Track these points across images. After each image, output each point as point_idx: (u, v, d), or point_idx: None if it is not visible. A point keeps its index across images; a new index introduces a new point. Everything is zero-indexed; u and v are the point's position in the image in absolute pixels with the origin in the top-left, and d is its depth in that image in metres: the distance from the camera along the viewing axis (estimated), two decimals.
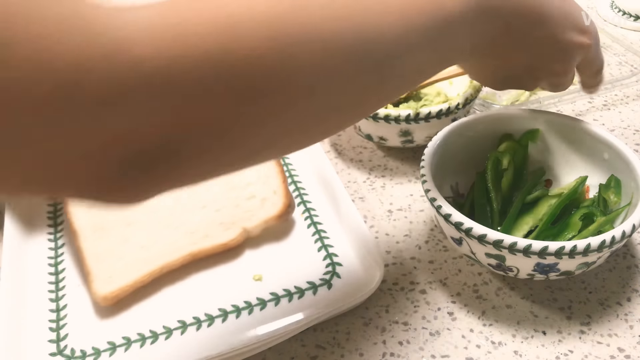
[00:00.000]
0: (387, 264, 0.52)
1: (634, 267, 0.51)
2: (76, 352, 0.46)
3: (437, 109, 0.57)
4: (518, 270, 0.45)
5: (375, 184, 0.61)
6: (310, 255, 0.52)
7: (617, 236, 0.42)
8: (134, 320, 0.48)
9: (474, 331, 0.47)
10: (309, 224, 0.55)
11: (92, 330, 0.47)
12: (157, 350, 0.46)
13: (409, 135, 0.59)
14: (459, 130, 0.53)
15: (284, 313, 0.48)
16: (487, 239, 0.43)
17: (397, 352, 0.45)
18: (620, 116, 0.68)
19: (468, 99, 0.59)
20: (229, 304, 0.49)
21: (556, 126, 0.54)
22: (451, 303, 0.49)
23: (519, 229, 0.50)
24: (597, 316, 0.47)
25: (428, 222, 0.56)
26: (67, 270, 0.52)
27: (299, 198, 0.58)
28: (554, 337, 0.46)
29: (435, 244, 0.54)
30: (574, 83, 0.50)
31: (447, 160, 0.53)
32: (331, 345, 0.46)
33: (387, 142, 0.61)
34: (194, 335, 0.47)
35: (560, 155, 0.55)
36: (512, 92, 0.71)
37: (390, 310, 0.48)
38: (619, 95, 0.72)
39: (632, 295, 0.49)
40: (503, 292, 0.49)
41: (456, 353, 0.45)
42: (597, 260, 0.45)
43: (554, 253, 0.42)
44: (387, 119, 0.57)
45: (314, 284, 0.50)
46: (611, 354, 0.45)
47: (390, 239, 0.54)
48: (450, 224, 0.45)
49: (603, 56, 0.49)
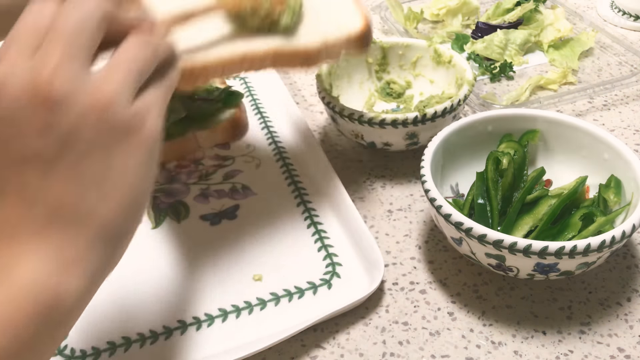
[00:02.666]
0: (387, 264, 0.52)
1: (634, 267, 0.51)
2: (76, 352, 0.46)
3: (442, 107, 0.57)
4: (518, 270, 0.45)
5: (375, 184, 0.61)
6: (310, 255, 0.52)
7: (617, 236, 0.42)
8: (133, 320, 0.48)
9: (474, 331, 0.47)
10: (309, 224, 0.55)
11: (92, 330, 0.47)
12: (157, 350, 0.46)
13: (415, 137, 0.59)
14: (459, 130, 0.53)
15: (284, 313, 0.48)
16: (487, 239, 0.43)
17: (397, 352, 0.45)
18: (620, 116, 0.68)
19: (467, 95, 0.59)
20: (229, 304, 0.49)
21: (556, 126, 0.54)
22: (451, 303, 0.49)
23: (519, 229, 0.50)
24: (597, 316, 0.47)
25: (428, 222, 0.56)
26: None
27: (299, 198, 0.58)
28: (554, 337, 0.46)
29: (435, 244, 0.54)
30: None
31: (447, 160, 0.53)
32: (331, 345, 0.46)
33: (392, 147, 0.60)
34: (194, 335, 0.47)
35: (560, 155, 0.55)
36: (512, 92, 0.71)
37: (390, 310, 0.48)
38: (619, 95, 0.72)
39: (632, 295, 0.49)
40: (503, 292, 0.49)
41: (456, 353, 0.45)
42: (597, 260, 0.45)
43: (554, 253, 0.42)
44: (394, 124, 0.57)
45: (314, 284, 0.50)
46: (611, 354, 0.45)
47: (390, 239, 0.54)
48: (450, 224, 0.45)
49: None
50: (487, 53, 0.77)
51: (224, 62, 0.44)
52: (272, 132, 0.67)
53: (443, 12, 0.85)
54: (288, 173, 0.61)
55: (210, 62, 0.43)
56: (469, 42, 0.79)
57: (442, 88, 0.65)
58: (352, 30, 0.49)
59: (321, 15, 0.50)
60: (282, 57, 0.47)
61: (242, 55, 0.45)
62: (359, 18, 0.50)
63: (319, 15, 0.50)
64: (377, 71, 0.68)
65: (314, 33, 0.48)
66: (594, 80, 0.73)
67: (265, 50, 0.46)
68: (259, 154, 0.64)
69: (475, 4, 0.85)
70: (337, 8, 0.51)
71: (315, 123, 0.70)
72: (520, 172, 0.53)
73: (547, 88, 0.72)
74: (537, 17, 0.81)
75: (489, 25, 0.80)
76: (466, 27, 0.84)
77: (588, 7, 0.90)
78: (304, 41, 0.47)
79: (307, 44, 0.47)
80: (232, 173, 0.62)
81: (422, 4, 0.86)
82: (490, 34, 0.78)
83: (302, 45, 0.47)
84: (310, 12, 0.50)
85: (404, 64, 0.68)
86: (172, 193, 0.60)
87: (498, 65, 0.75)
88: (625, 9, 0.85)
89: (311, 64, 0.48)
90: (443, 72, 0.66)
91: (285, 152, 0.64)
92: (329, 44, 0.48)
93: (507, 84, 0.74)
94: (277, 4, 0.46)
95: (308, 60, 0.48)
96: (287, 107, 0.68)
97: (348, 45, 0.49)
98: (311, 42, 0.47)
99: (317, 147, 0.61)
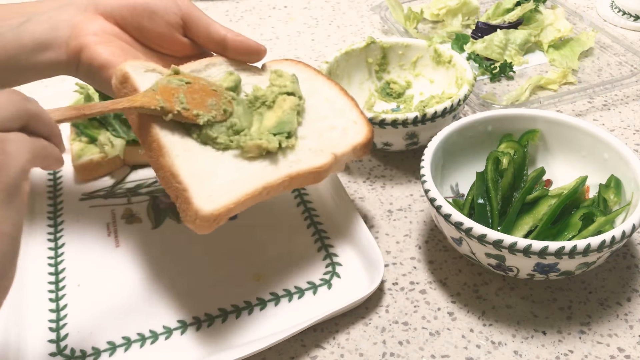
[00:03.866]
0: (387, 264, 0.52)
1: (634, 267, 0.51)
2: (76, 352, 0.46)
3: (442, 107, 0.57)
4: (518, 270, 0.45)
5: (375, 184, 0.61)
6: (310, 255, 0.52)
7: (617, 236, 0.42)
8: (133, 321, 0.48)
9: (474, 331, 0.47)
10: (309, 224, 0.55)
11: (92, 330, 0.47)
12: (157, 350, 0.46)
13: (415, 137, 0.59)
14: (459, 130, 0.53)
15: (284, 313, 0.48)
16: (487, 239, 0.43)
17: (397, 352, 0.45)
18: (620, 116, 0.68)
19: (467, 95, 0.59)
20: (229, 304, 0.49)
21: (556, 126, 0.54)
22: (451, 303, 0.49)
23: (519, 229, 0.50)
24: (597, 316, 0.47)
25: (428, 222, 0.56)
26: (67, 270, 0.52)
27: (299, 198, 0.58)
28: (554, 337, 0.46)
29: (435, 244, 0.54)
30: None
31: (447, 160, 0.53)
32: (331, 345, 0.46)
33: (392, 147, 0.61)
34: (194, 335, 0.47)
35: (560, 155, 0.55)
36: (512, 92, 0.71)
37: (390, 310, 0.48)
38: (619, 95, 0.72)
39: (632, 295, 0.49)
40: (503, 292, 0.49)
41: (456, 353, 0.45)
42: (597, 260, 0.45)
43: (554, 253, 0.42)
44: (394, 124, 0.57)
45: (314, 284, 0.50)
46: (611, 354, 0.45)
47: (390, 239, 0.54)
48: (450, 224, 0.45)
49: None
50: (487, 53, 0.77)
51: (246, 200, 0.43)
52: None
53: (443, 12, 0.85)
54: None
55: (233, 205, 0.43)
56: (469, 42, 0.79)
57: (442, 88, 0.65)
58: (359, 140, 0.50)
59: (323, 124, 0.51)
60: (296, 179, 0.47)
61: (261, 189, 0.44)
62: (363, 126, 0.51)
63: (321, 126, 0.50)
64: (377, 71, 0.68)
65: (322, 147, 0.48)
66: (594, 80, 0.73)
67: (282, 177, 0.46)
68: None
69: (475, 4, 0.85)
70: (335, 113, 0.52)
71: None
72: (520, 172, 0.53)
73: (547, 88, 0.72)
74: (537, 17, 0.81)
75: (489, 25, 0.80)
76: (466, 27, 0.84)
77: (588, 7, 0.90)
78: (315, 159, 0.48)
79: (318, 163, 0.47)
80: None
81: (422, 4, 0.86)
82: (490, 34, 0.78)
83: (315, 165, 0.47)
84: (312, 122, 0.50)
85: (404, 64, 0.68)
86: None
87: (498, 65, 0.75)
88: (625, 9, 0.85)
89: (321, 179, 0.48)
90: (443, 72, 0.66)
91: None
92: (338, 157, 0.49)
93: (507, 84, 0.74)
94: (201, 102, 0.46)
95: (319, 177, 0.48)
96: None
97: (354, 154, 0.50)
98: (322, 159, 0.48)
99: None
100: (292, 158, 0.47)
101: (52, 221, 0.57)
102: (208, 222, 0.41)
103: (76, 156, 0.61)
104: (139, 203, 0.59)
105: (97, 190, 0.60)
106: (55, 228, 0.56)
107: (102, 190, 0.60)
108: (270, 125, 0.48)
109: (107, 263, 0.53)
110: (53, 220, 0.57)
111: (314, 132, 0.50)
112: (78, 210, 0.58)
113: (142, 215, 0.57)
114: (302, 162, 0.47)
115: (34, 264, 0.53)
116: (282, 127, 0.48)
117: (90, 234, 0.55)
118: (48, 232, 0.56)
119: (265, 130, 0.48)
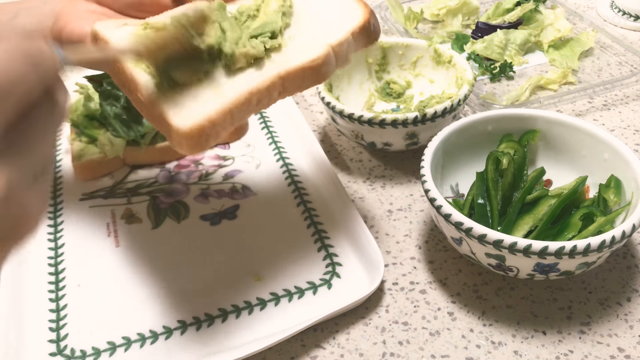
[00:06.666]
0: (387, 264, 0.52)
1: (634, 267, 0.51)
2: (76, 352, 0.46)
3: (442, 107, 0.57)
4: (518, 270, 0.45)
5: (375, 184, 0.61)
6: (310, 255, 0.52)
7: (617, 236, 0.42)
8: (133, 321, 0.48)
9: (474, 331, 0.47)
10: (309, 224, 0.55)
11: (92, 330, 0.47)
12: (157, 350, 0.46)
13: (415, 137, 0.59)
14: (459, 130, 0.53)
15: (284, 313, 0.48)
16: (487, 239, 0.43)
17: (397, 352, 0.45)
18: (620, 116, 0.68)
19: (467, 95, 0.59)
20: (229, 304, 0.49)
21: (556, 126, 0.54)
22: (451, 303, 0.49)
23: (519, 229, 0.50)
24: (597, 316, 0.47)
25: (428, 222, 0.56)
26: (67, 270, 0.52)
27: (299, 198, 0.58)
28: (554, 337, 0.46)
29: (435, 244, 0.54)
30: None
31: (447, 160, 0.53)
32: (331, 345, 0.46)
33: (392, 147, 0.60)
34: (194, 335, 0.47)
35: (560, 155, 0.55)
36: (512, 92, 0.71)
37: (390, 310, 0.48)
38: (619, 95, 0.72)
39: (632, 295, 0.49)
40: (503, 292, 0.49)
41: (456, 353, 0.45)
42: (597, 260, 0.45)
43: (554, 253, 0.42)
44: (394, 124, 0.57)
45: (314, 284, 0.50)
46: (611, 354, 0.45)
47: (390, 239, 0.54)
48: (450, 224, 0.45)
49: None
50: (487, 53, 0.77)
51: (231, 109, 0.40)
52: (272, 132, 0.67)
53: (443, 12, 0.85)
54: (288, 173, 0.61)
55: (215, 115, 0.39)
56: (469, 42, 0.79)
57: (442, 88, 0.65)
58: (354, 24, 0.45)
59: (316, 19, 0.47)
60: (290, 79, 0.43)
61: (247, 94, 0.41)
62: (358, 9, 0.46)
63: (314, 21, 0.46)
64: (377, 71, 0.68)
65: (314, 41, 0.44)
66: (594, 80, 0.73)
67: (270, 79, 0.41)
68: (259, 154, 0.64)
69: (475, 4, 0.85)
70: (332, 7, 0.47)
71: (315, 123, 0.70)
72: (520, 172, 0.53)
73: (547, 88, 0.72)
74: (537, 17, 0.81)
75: (489, 25, 0.80)
76: (466, 27, 0.84)
77: (588, 7, 0.90)
78: (307, 53, 0.43)
79: (311, 56, 0.43)
80: (232, 173, 0.62)
81: (422, 4, 0.86)
82: (490, 34, 0.78)
83: (308, 59, 0.43)
84: (303, 20, 0.46)
85: (404, 64, 0.68)
86: (172, 193, 0.60)
87: (498, 65, 0.75)
88: (625, 9, 0.85)
89: (322, 76, 0.44)
90: (443, 72, 0.66)
91: (285, 152, 0.64)
92: (335, 47, 0.44)
93: (507, 84, 0.74)
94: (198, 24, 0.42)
95: (318, 73, 0.43)
96: (287, 107, 0.68)
97: (355, 41, 0.46)
98: (315, 51, 0.43)
99: (317, 147, 0.61)
100: (281, 59, 0.43)
101: (52, 221, 0.57)
102: (193, 140, 0.38)
103: (76, 156, 0.61)
104: (139, 203, 0.59)
105: (97, 190, 0.60)
106: (55, 228, 0.56)
107: (102, 190, 0.60)
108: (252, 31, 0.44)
109: (107, 263, 0.53)
110: (53, 220, 0.57)
111: (305, 30, 0.45)
112: (78, 210, 0.58)
113: (142, 215, 0.57)
114: (292, 60, 0.43)
115: (34, 264, 0.53)
116: (264, 28, 0.44)
117: (90, 234, 0.55)
118: (48, 232, 0.56)
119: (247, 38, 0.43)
